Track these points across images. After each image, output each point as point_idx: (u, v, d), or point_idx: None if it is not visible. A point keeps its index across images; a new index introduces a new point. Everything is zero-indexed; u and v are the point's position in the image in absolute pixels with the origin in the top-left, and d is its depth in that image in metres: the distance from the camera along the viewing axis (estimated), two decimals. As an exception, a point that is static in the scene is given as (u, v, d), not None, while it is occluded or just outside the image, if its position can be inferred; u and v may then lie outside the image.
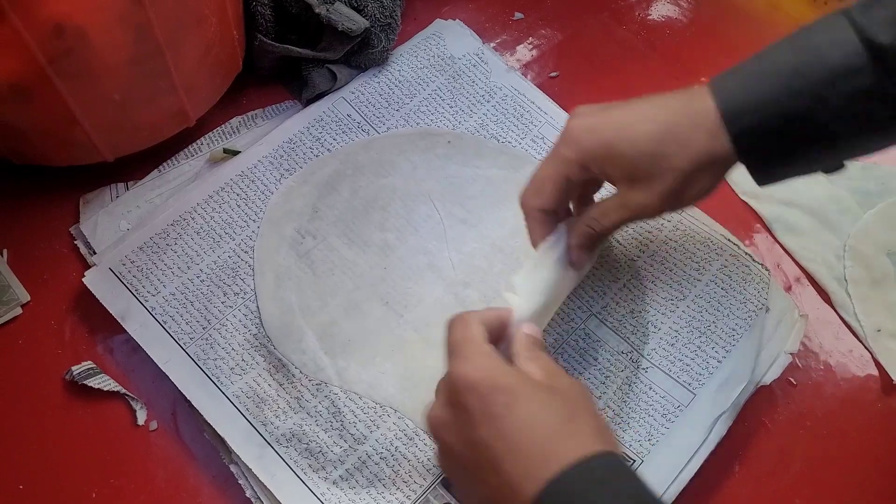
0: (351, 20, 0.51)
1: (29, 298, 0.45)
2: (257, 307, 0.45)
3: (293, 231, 0.48)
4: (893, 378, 0.47)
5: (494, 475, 0.29)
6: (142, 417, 0.42)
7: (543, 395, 0.31)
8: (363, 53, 0.54)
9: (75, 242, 0.48)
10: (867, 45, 0.32)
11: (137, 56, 0.41)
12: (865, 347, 0.48)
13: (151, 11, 0.40)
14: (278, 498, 0.39)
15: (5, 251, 0.47)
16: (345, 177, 0.50)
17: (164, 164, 0.51)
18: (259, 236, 0.48)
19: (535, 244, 0.40)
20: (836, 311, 0.50)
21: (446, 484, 0.40)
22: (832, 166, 0.37)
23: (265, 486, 0.39)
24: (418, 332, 0.45)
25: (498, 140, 0.53)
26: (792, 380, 0.47)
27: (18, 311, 0.45)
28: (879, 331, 0.49)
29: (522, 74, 0.57)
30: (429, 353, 0.43)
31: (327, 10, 0.51)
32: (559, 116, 0.54)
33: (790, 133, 0.34)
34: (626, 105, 0.37)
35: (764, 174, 0.36)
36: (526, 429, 0.29)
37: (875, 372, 0.48)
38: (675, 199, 0.36)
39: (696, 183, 0.36)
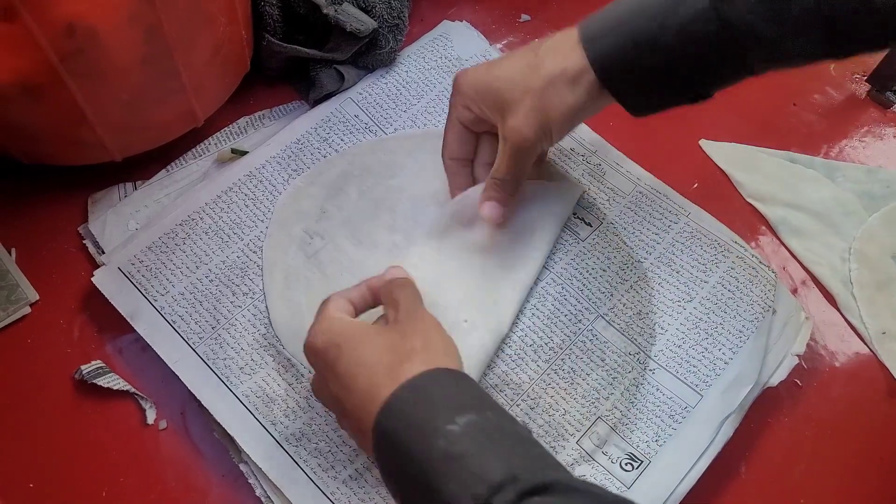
0: (359, 21, 0.51)
1: (38, 297, 0.45)
2: (266, 307, 0.45)
3: (301, 231, 0.48)
4: (898, 380, 0.47)
5: (347, 419, 0.34)
6: (151, 416, 0.42)
7: (369, 337, 0.34)
8: (371, 54, 0.54)
9: (84, 242, 0.48)
10: None
11: (148, 56, 0.41)
12: (871, 350, 0.49)
13: (162, 12, 0.40)
14: (289, 497, 0.39)
15: (13, 250, 0.47)
16: (352, 178, 0.50)
17: (172, 163, 0.51)
18: (267, 236, 0.48)
19: (453, 196, 0.45)
20: (841, 313, 0.50)
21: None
22: (693, 94, 0.39)
23: (275, 486, 0.39)
24: None
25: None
26: (798, 381, 0.47)
27: (27, 310, 0.45)
28: (884, 333, 0.49)
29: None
30: None
31: (335, 10, 0.51)
32: (566, 118, 0.54)
33: (641, 55, 0.37)
34: (507, 53, 0.42)
35: (630, 100, 0.39)
36: (354, 372, 0.33)
37: (880, 374, 0.48)
38: (540, 116, 0.39)
39: (553, 97, 0.38)
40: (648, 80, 0.38)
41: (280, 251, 0.47)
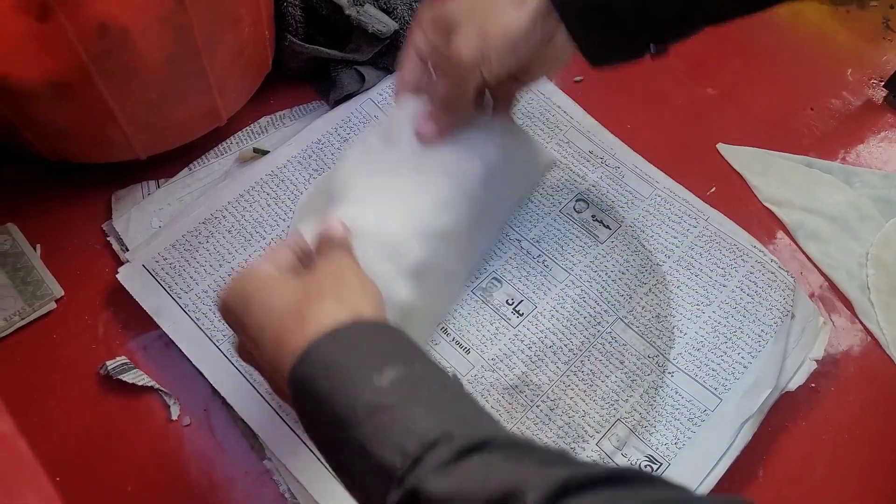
0: (381, 22, 0.51)
1: (63, 293, 0.46)
2: None
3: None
4: (915, 385, 0.47)
5: (265, 374, 0.32)
6: (175, 413, 0.43)
7: (279, 283, 0.32)
8: (391, 55, 0.54)
9: (107, 239, 0.48)
10: None
11: (176, 56, 0.42)
12: (888, 355, 0.49)
13: (192, 12, 0.40)
14: (311, 493, 0.39)
15: (38, 246, 0.48)
16: None
17: (195, 162, 0.51)
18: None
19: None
20: (858, 318, 0.50)
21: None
22: (646, 32, 0.38)
23: (299, 482, 0.40)
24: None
25: (524, 143, 0.53)
26: (815, 386, 0.47)
27: (53, 305, 0.45)
28: (901, 338, 0.49)
29: (547, 78, 0.58)
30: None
31: (357, 11, 0.51)
32: (585, 121, 0.55)
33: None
34: None
35: (580, 31, 0.37)
36: (262, 321, 0.30)
37: (896, 379, 0.48)
38: (480, 38, 0.37)
39: (495, 17, 0.37)
40: (604, 16, 0.36)
41: None
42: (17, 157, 0.49)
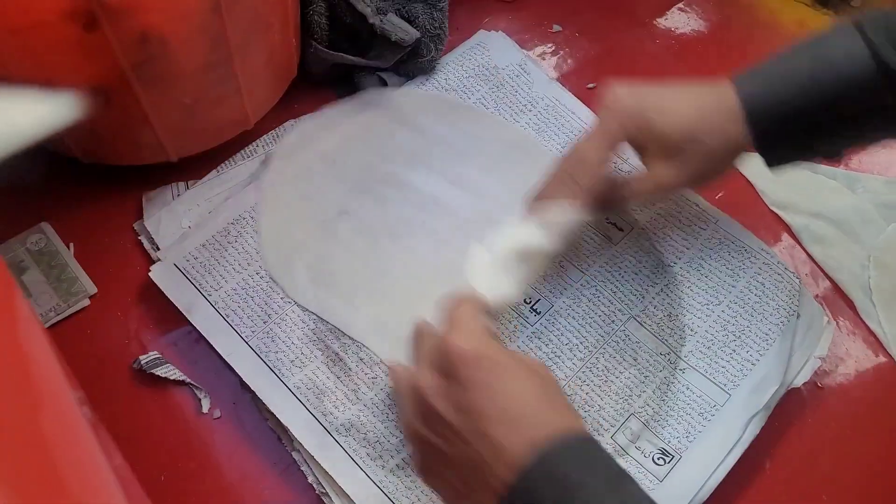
0: (403, 31, 0.53)
1: (96, 290, 0.47)
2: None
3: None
4: (915, 384, 0.49)
5: (481, 439, 0.31)
6: (206, 406, 0.44)
7: (526, 370, 0.33)
8: (412, 62, 0.56)
9: (139, 238, 0.50)
10: (879, 64, 0.37)
11: (210, 62, 0.44)
12: (889, 354, 0.51)
13: (227, 21, 0.42)
14: (339, 484, 0.41)
15: (72, 245, 0.49)
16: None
17: (223, 164, 0.53)
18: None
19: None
20: (861, 318, 0.52)
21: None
22: (833, 154, 0.43)
23: (327, 473, 0.41)
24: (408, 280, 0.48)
25: (539, 149, 0.55)
26: (819, 384, 0.49)
27: (86, 302, 0.47)
28: (902, 338, 0.51)
29: (560, 85, 0.60)
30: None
31: (381, 20, 0.53)
32: (598, 127, 0.57)
33: (801, 128, 0.40)
34: (662, 88, 0.43)
35: (774, 159, 0.43)
36: (515, 397, 0.32)
37: (898, 378, 0.50)
38: (697, 178, 0.43)
39: (718, 166, 0.43)
40: (801, 147, 0.41)
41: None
42: (50, 159, 0.50)
